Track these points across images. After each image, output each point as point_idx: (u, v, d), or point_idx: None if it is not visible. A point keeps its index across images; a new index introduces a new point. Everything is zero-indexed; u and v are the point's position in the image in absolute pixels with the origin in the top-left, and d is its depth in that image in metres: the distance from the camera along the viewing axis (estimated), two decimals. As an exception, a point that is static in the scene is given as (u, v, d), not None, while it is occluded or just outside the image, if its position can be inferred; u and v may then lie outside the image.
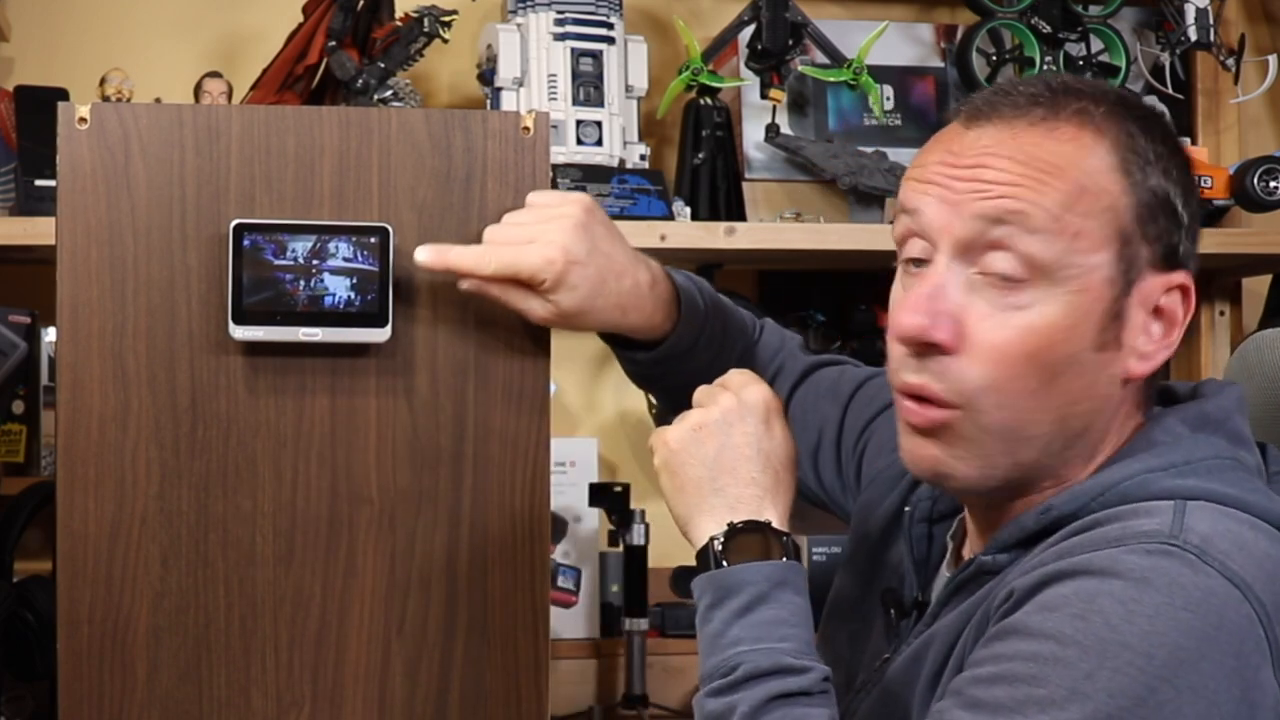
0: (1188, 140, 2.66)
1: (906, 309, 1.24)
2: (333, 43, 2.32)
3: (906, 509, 1.41)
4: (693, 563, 1.31)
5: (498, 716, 1.45)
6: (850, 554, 1.50)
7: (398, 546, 1.43)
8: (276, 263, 1.39)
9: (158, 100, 2.27)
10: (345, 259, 1.40)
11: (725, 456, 1.32)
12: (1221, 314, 2.69)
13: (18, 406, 2.34)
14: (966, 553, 1.35)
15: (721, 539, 1.29)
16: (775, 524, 1.30)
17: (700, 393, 1.36)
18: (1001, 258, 1.22)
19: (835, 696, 1.26)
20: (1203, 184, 2.45)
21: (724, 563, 1.28)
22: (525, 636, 1.45)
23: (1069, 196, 1.22)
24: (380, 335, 1.40)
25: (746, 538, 1.29)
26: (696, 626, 1.29)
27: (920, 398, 1.25)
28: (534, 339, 1.44)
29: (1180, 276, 1.26)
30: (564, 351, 2.51)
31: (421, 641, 1.44)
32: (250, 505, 1.42)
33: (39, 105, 2.28)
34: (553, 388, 1.53)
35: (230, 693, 1.42)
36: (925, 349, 1.24)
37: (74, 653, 1.40)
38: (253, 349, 1.41)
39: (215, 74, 2.36)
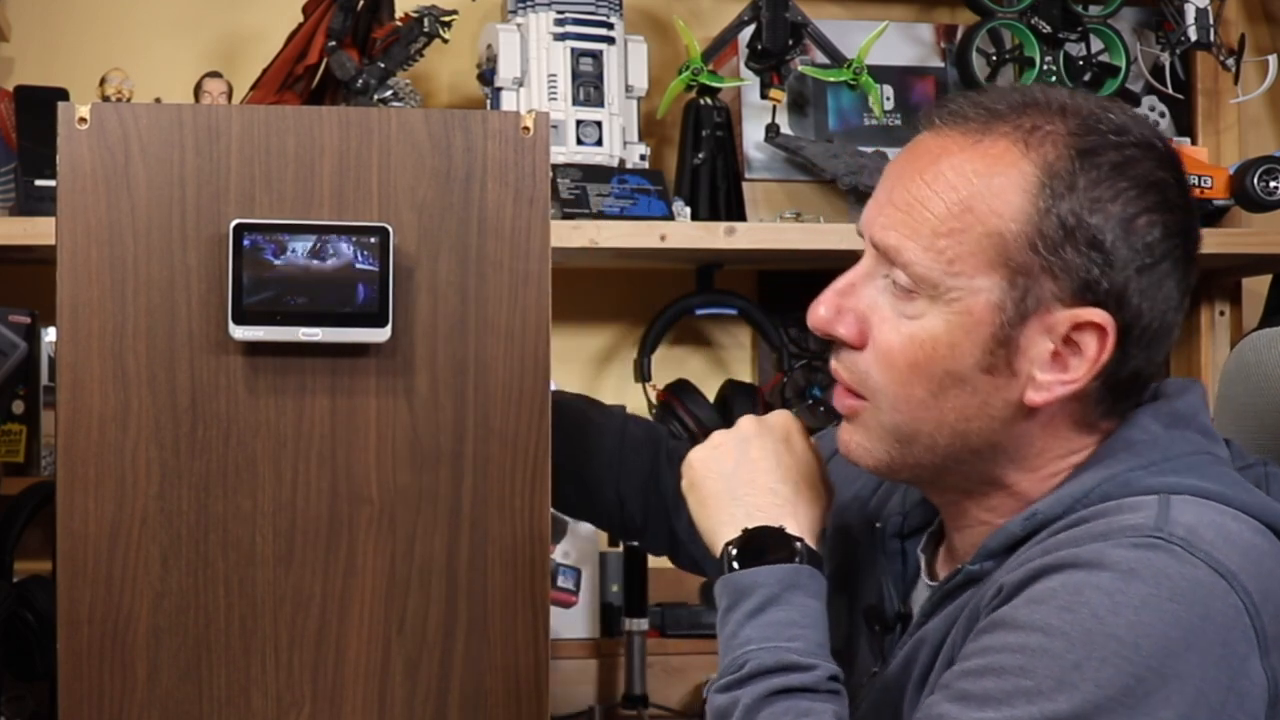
0: (1188, 141, 2.66)
1: (819, 300, 1.29)
2: (333, 43, 2.32)
3: (878, 525, 1.43)
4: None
5: (498, 716, 1.45)
6: (829, 577, 1.52)
7: (398, 546, 1.43)
8: (276, 263, 1.39)
9: (158, 100, 2.27)
10: (345, 259, 1.40)
11: (743, 469, 1.34)
12: (1221, 314, 2.69)
13: (18, 406, 2.34)
14: (941, 562, 1.38)
15: (736, 544, 1.31)
16: (791, 530, 1.31)
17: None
18: (897, 271, 1.25)
19: (847, 697, 1.26)
20: (1203, 184, 2.45)
21: (737, 566, 1.30)
22: (525, 636, 1.45)
23: (951, 219, 1.23)
24: (380, 335, 1.40)
25: (760, 542, 1.31)
26: (716, 630, 1.31)
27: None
28: (534, 339, 1.45)
29: (1094, 314, 1.22)
30: (564, 351, 2.51)
31: (421, 641, 1.44)
32: (250, 505, 1.42)
33: (39, 105, 2.28)
34: (553, 388, 1.53)
35: (230, 693, 1.42)
36: (836, 341, 1.29)
37: (74, 653, 1.40)
38: (253, 349, 1.41)
39: (215, 74, 2.36)
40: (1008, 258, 1.22)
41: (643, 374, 2.48)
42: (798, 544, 1.30)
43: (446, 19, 2.33)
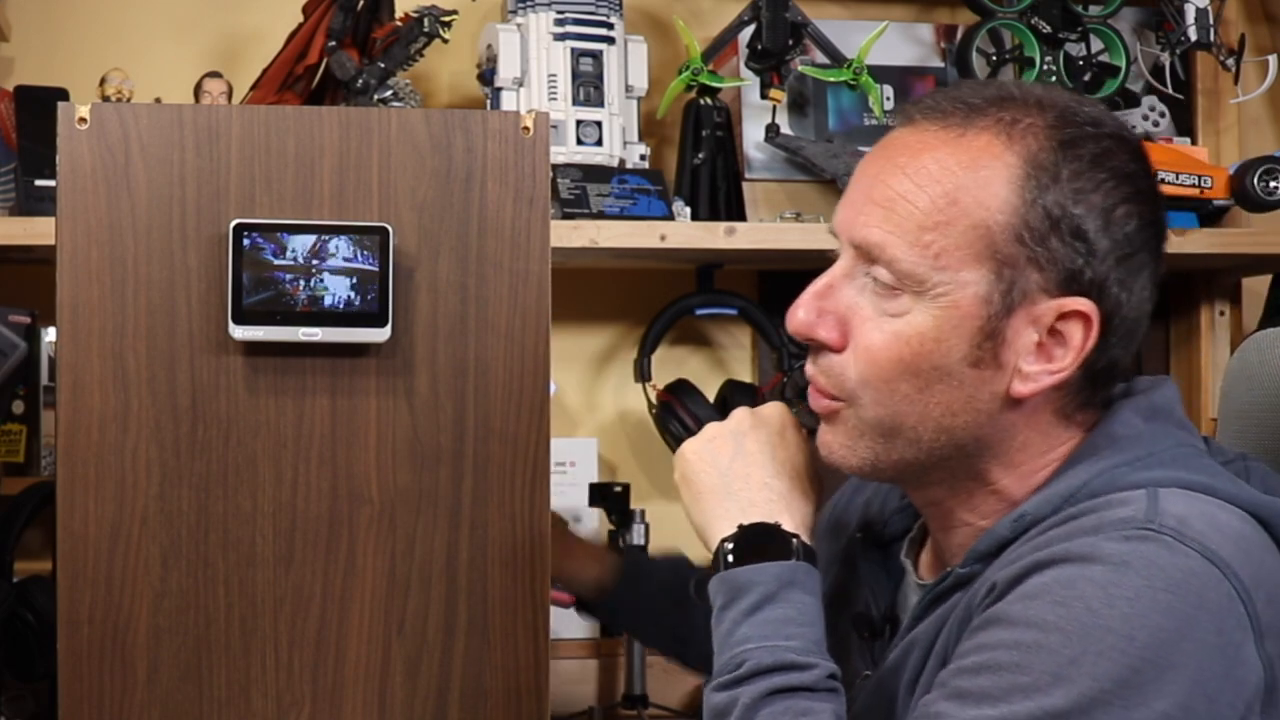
0: (1188, 141, 2.66)
1: (797, 304, 1.29)
2: (333, 43, 2.32)
3: (858, 535, 1.44)
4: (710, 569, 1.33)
5: (498, 716, 1.45)
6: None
7: (398, 546, 1.43)
8: (276, 263, 1.39)
9: (158, 100, 2.27)
10: (345, 259, 1.40)
11: (738, 463, 1.33)
12: (1221, 314, 2.69)
13: (18, 406, 2.34)
14: (926, 565, 1.38)
15: (732, 541, 1.30)
16: (787, 527, 1.31)
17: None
18: (877, 268, 1.25)
19: (844, 696, 1.26)
20: (1203, 184, 2.45)
21: (734, 564, 1.29)
22: (525, 636, 1.45)
23: (936, 212, 1.23)
24: (380, 335, 1.40)
25: (756, 540, 1.30)
26: (712, 627, 1.30)
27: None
28: (534, 339, 1.45)
29: (1079, 303, 1.23)
30: (564, 351, 2.51)
31: (421, 641, 1.44)
32: (250, 505, 1.42)
33: (39, 105, 2.28)
34: (553, 388, 1.53)
35: (230, 693, 1.42)
36: (815, 343, 1.28)
37: (74, 653, 1.40)
38: (253, 349, 1.41)
39: (215, 74, 2.36)
40: (995, 250, 1.22)
41: (643, 374, 2.48)
42: (794, 540, 1.30)
43: (446, 19, 2.33)
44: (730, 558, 1.29)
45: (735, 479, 1.33)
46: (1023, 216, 1.22)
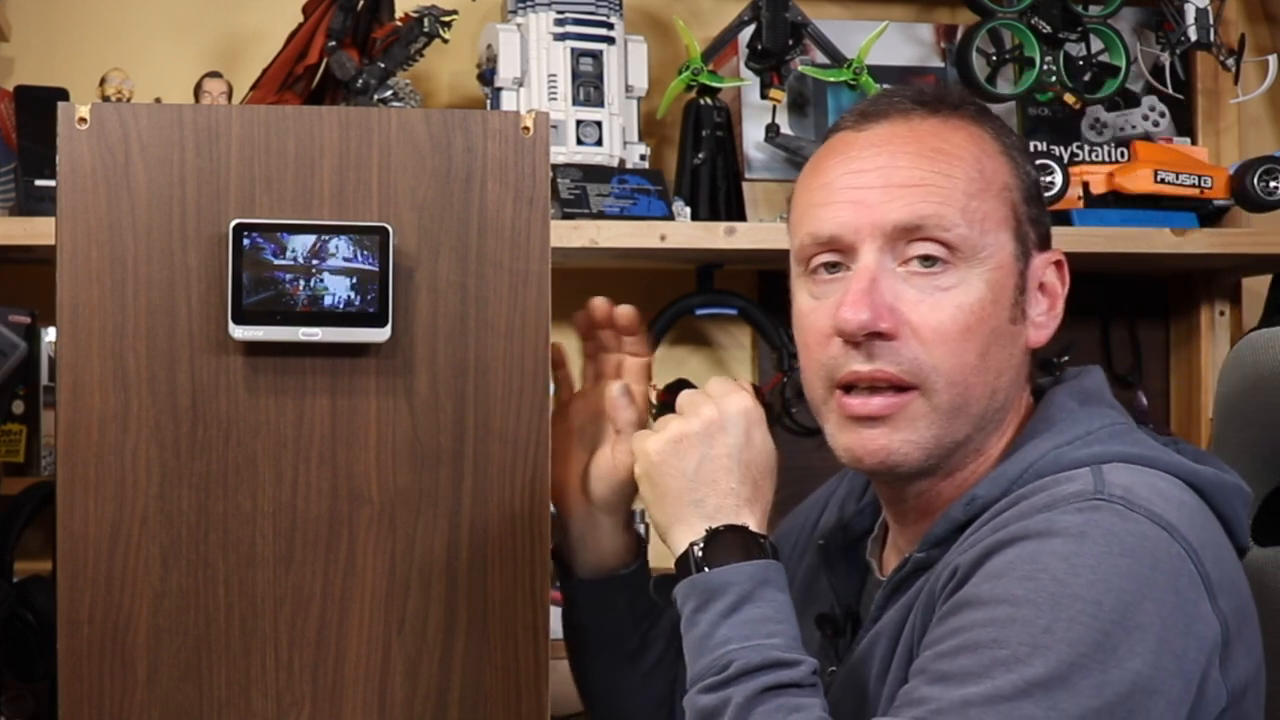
0: (1188, 140, 2.66)
1: (848, 306, 1.30)
2: (333, 43, 2.32)
3: (820, 542, 1.47)
4: (673, 569, 1.34)
5: (498, 716, 1.45)
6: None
7: (398, 546, 1.43)
8: (276, 263, 1.39)
9: (158, 100, 2.27)
10: (345, 259, 1.40)
11: (705, 469, 1.34)
12: (1221, 314, 2.69)
13: (18, 406, 2.34)
14: (887, 562, 1.42)
15: (702, 544, 1.32)
16: (753, 528, 1.33)
17: (683, 400, 1.38)
18: (924, 247, 1.31)
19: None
20: (1203, 184, 2.45)
21: (705, 567, 1.31)
22: (525, 636, 1.45)
23: (972, 182, 1.32)
24: (380, 335, 1.40)
25: (726, 542, 1.32)
26: (682, 631, 1.32)
27: (872, 388, 1.31)
28: (534, 339, 1.45)
29: (1057, 254, 1.38)
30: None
31: (421, 641, 1.44)
32: (250, 505, 1.42)
33: (39, 105, 2.28)
34: (553, 388, 1.53)
35: (230, 693, 1.42)
36: (869, 340, 1.31)
37: (74, 653, 1.40)
38: (253, 349, 1.41)
39: (215, 74, 2.36)
40: (1015, 211, 1.34)
41: (643, 374, 2.47)
42: (763, 541, 1.32)
43: (446, 19, 2.33)
44: (703, 563, 1.31)
45: (702, 484, 1.34)
46: (1022, 180, 1.35)
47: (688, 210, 2.40)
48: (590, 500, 1.53)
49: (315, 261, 1.39)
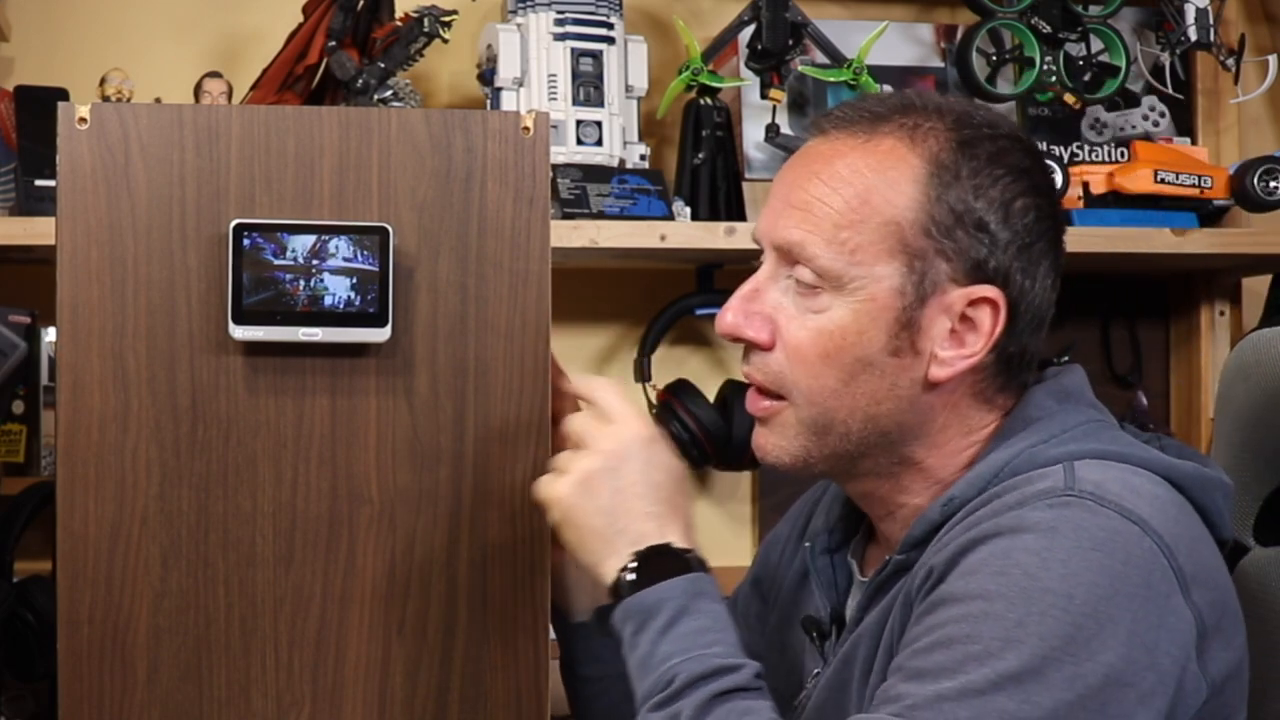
0: (1188, 140, 2.66)
1: (726, 308, 1.36)
2: (333, 43, 2.32)
3: (806, 544, 1.49)
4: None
5: (498, 716, 1.45)
6: (775, 613, 1.56)
7: (398, 546, 1.43)
8: (276, 263, 1.39)
9: (158, 100, 2.27)
10: (345, 259, 1.40)
11: (618, 501, 1.35)
12: (1221, 314, 2.69)
13: (18, 406, 2.34)
14: (869, 564, 1.43)
15: (632, 569, 1.33)
16: (676, 544, 1.34)
17: (577, 427, 1.39)
18: (798, 269, 1.33)
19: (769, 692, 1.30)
20: (1203, 184, 2.45)
21: (638, 590, 1.32)
22: (525, 636, 1.45)
23: (850, 212, 1.32)
24: (380, 335, 1.40)
25: (654, 563, 1.33)
26: (625, 657, 1.32)
27: (760, 389, 1.37)
28: (534, 339, 1.45)
29: (987, 290, 1.32)
30: (564, 351, 2.50)
31: (421, 641, 1.44)
32: (250, 505, 1.42)
33: (39, 105, 2.28)
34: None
35: (230, 693, 1.42)
36: (748, 345, 1.36)
37: (74, 653, 1.40)
38: (253, 349, 1.41)
39: (215, 74, 2.36)
40: (905, 244, 1.31)
41: (643, 374, 2.48)
42: (689, 555, 1.33)
43: (446, 19, 2.33)
44: (632, 584, 1.32)
45: (620, 516, 1.35)
46: (929, 212, 1.31)
47: (688, 210, 2.40)
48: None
49: (315, 261, 1.39)
